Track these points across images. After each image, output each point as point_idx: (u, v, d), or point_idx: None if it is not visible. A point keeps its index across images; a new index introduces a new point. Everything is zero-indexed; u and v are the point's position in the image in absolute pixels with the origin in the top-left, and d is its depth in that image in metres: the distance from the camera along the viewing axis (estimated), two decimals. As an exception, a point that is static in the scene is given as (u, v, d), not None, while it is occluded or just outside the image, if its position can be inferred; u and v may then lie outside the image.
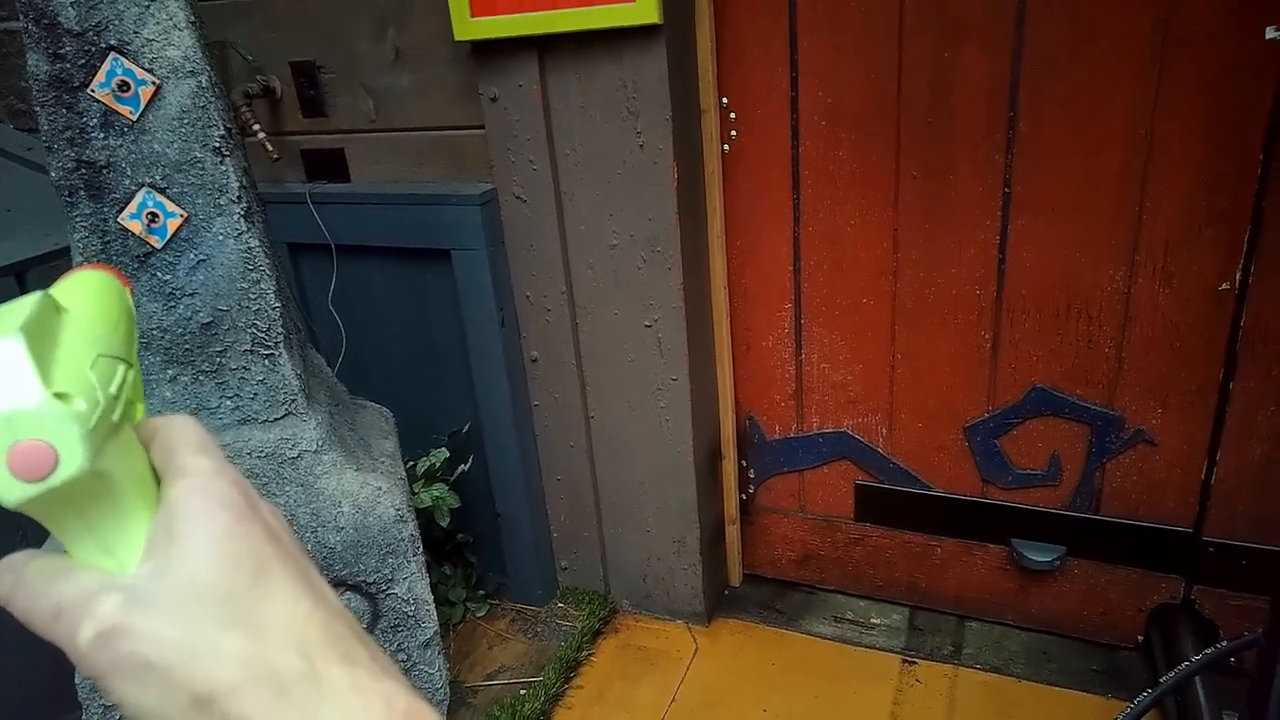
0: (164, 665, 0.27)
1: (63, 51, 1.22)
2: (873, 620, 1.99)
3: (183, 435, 0.33)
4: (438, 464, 1.95)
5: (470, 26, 1.63)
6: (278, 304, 1.39)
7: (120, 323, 0.34)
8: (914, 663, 1.86)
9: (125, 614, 0.28)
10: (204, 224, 1.33)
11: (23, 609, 0.29)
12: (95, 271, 0.35)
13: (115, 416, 0.29)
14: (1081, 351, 1.65)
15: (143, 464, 0.32)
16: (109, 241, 1.32)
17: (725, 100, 1.73)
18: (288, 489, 1.44)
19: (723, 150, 1.76)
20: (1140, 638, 1.79)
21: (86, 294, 0.33)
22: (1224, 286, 1.51)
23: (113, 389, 0.29)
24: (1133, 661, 1.79)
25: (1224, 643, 1.38)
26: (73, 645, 0.28)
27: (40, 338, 0.27)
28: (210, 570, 0.29)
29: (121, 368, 0.31)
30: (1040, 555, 1.79)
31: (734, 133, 1.75)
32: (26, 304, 0.28)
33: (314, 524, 1.46)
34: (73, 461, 0.26)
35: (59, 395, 0.26)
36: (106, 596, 0.28)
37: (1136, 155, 1.49)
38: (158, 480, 0.32)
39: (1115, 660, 1.80)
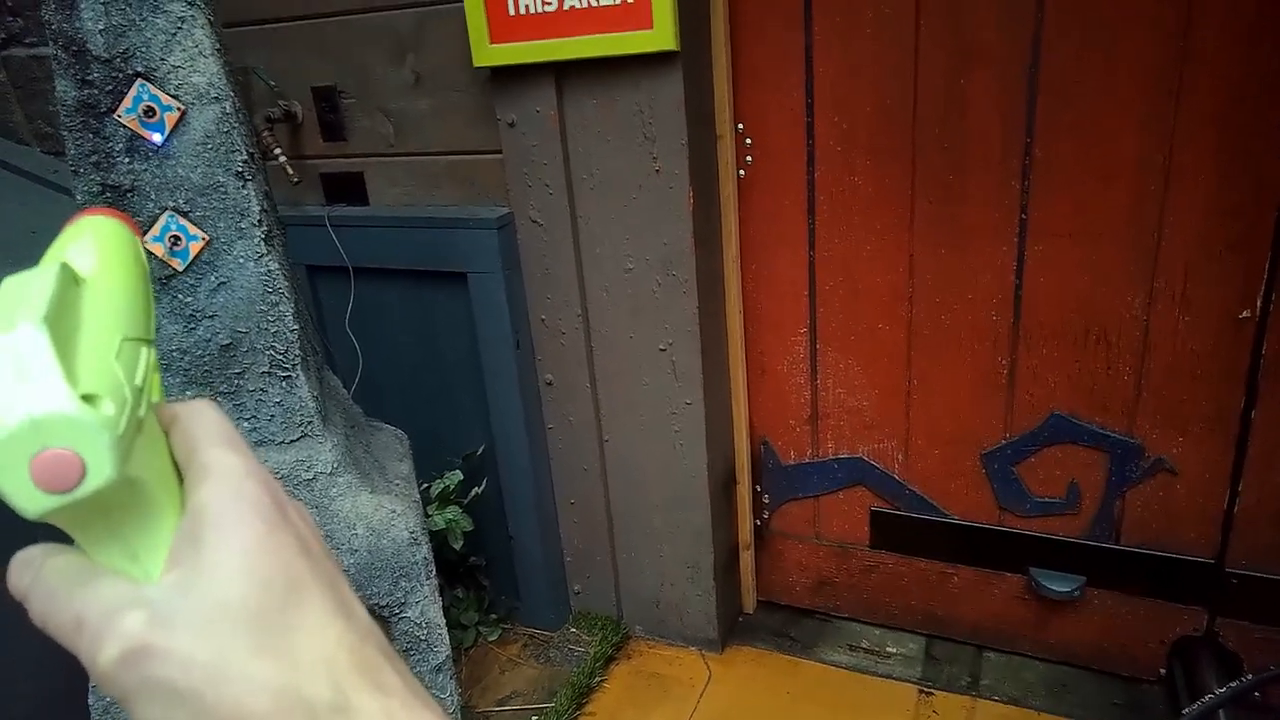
0: (192, 691, 0.26)
1: (90, 78, 1.25)
2: (889, 649, 1.97)
3: (206, 425, 0.31)
4: (452, 486, 1.95)
5: (489, 53, 1.65)
6: (296, 326, 1.40)
7: (139, 291, 0.31)
8: (931, 693, 1.83)
9: (151, 633, 0.27)
10: (225, 247, 1.34)
11: (40, 611, 0.28)
12: (105, 219, 0.32)
13: (141, 410, 0.27)
14: (1100, 378, 1.64)
15: (165, 457, 0.30)
16: (131, 264, 1.33)
17: (741, 125, 1.74)
18: (302, 510, 1.44)
19: (738, 175, 1.77)
20: (1162, 670, 1.76)
21: (103, 256, 0.30)
22: (1244, 314, 1.50)
23: (138, 379, 0.27)
24: (1154, 695, 1.76)
25: (1248, 676, 1.35)
26: (94, 663, 0.27)
27: (62, 324, 0.25)
28: (241, 588, 0.28)
29: (144, 350, 0.29)
30: (1059, 585, 1.77)
31: (749, 158, 1.76)
32: (43, 278, 0.26)
33: (328, 546, 1.46)
34: (101, 472, 0.24)
35: (86, 397, 0.24)
36: (131, 612, 0.27)
37: (1155, 181, 1.49)
38: (178, 472, 0.30)
39: (1136, 693, 1.77)
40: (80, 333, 0.26)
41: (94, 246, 0.30)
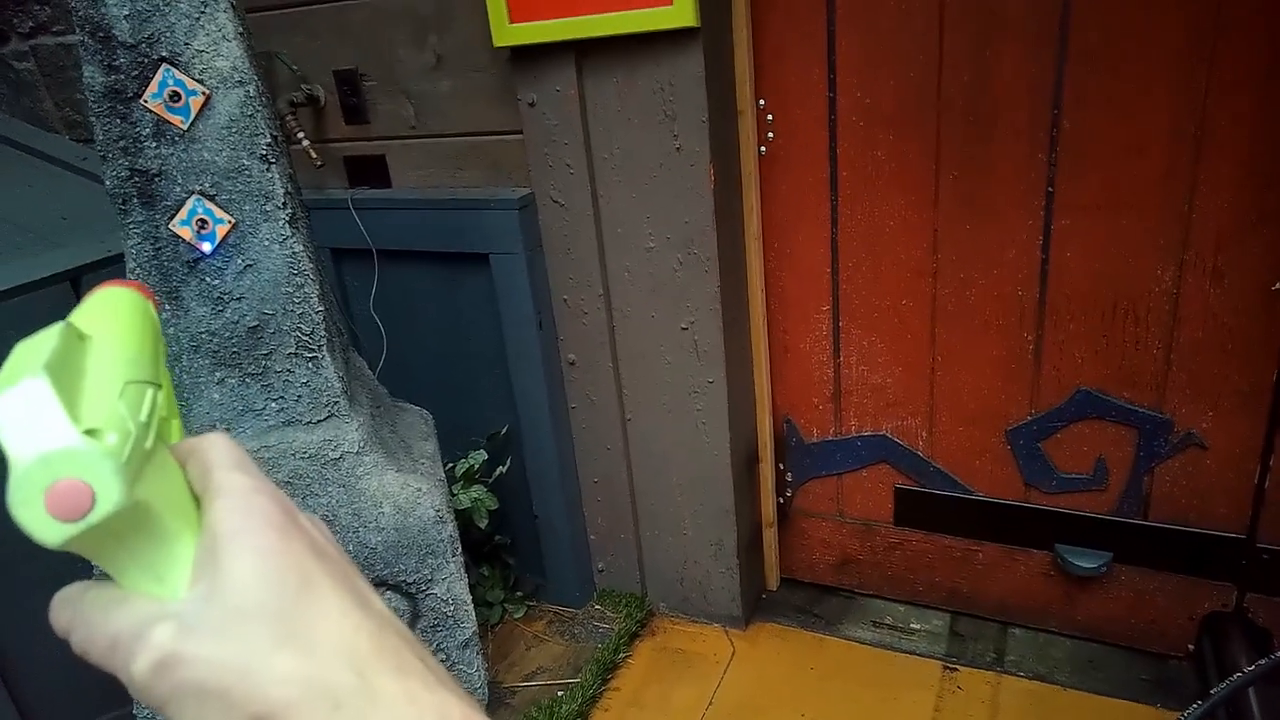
0: (221, 689, 0.28)
1: (117, 64, 1.26)
2: (913, 625, 1.97)
3: (217, 453, 0.33)
4: (476, 466, 1.97)
5: (509, 32, 1.65)
6: (321, 308, 1.42)
7: (146, 343, 0.33)
8: (955, 669, 1.83)
9: (179, 642, 0.28)
10: (251, 230, 1.36)
11: (80, 642, 0.30)
12: (117, 289, 0.35)
13: (148, 443, 0.29)
14: (1128, 353, 1.62)
15: (181, 486, 0.32)
16: (160, 248, 1.36)
17: (762, 101, 1.73)
18: (330, 490, 1.47)
19: (759, 152, 1.76)
20: (1191, 646, 1.74)
21: (110, 316, 0.33)
22: (1277, 286, 1.47)
23: (143, 415, 0.29)
24: (1183, 671, 1.75)
25: (1278, 653, 1.34)
26: (129, 676, 0.29)
27: (65, 373, 0.27)
28: (256, 589, 0.29)
29: (150, 391, 0.31)
30: (1086, 561, 1.76)
31: (771, 134, 1.75)
32: (48, 337, 0.28)
33: (355, 524, 1.48)
34: (110, 497, 0.26)
35: (89, 432, 0.26)
36: (159, 626, 0.28)
37: (1185, 152, 1.46)
38: (197, 501, 0.32)
39: (1165, 670, 1.76)
40: (84, 379, 0.28)
41: (101, 308, 0.33)
